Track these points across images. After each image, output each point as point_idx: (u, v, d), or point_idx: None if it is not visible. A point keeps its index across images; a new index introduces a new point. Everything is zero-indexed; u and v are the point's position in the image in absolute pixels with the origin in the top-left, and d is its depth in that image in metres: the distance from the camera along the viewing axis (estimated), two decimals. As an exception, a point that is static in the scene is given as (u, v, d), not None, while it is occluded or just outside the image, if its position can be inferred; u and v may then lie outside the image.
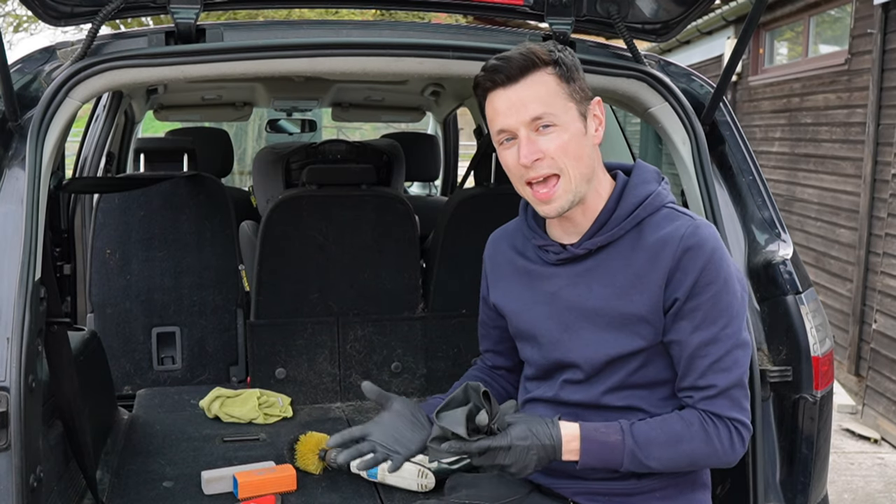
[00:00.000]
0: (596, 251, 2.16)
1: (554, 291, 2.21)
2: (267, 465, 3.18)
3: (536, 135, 2.06)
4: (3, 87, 2.32)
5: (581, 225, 2.18)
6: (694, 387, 2.10)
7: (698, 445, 2.09)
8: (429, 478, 3.04)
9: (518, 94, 2.07)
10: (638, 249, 2.12)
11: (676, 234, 2.09)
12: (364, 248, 4.03)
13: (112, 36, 2.66)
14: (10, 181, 2.35)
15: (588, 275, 2.17)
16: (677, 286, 2.07)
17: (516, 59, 2.07)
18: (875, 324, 6.73)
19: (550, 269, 2.23)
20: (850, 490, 5.55)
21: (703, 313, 2.07)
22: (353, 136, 11.31)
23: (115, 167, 5.31)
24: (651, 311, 2.10)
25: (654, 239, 2.11)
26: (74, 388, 2.72)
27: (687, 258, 2.06)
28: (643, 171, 2.22)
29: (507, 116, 2.08)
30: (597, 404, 2.18)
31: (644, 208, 2.14)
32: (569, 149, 2.06)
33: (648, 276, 2.10)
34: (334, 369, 4.02)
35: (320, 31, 2.82)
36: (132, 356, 4.15)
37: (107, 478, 3.14)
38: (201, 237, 4.21)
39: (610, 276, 2.14)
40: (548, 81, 2.07)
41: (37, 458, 2.28)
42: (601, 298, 2.14)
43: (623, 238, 2.14)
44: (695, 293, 2.06)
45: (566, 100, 2.08)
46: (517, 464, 2.03)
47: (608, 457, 2.08)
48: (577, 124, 2.09)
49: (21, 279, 2.22)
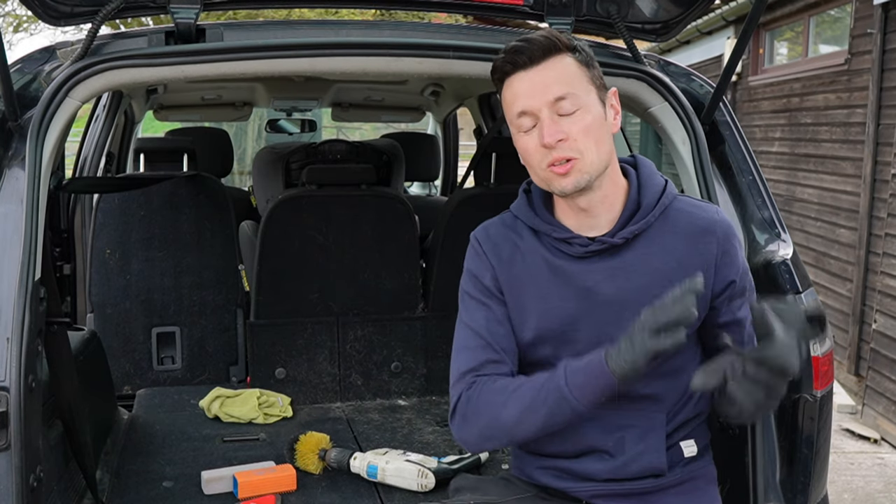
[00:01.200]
0: (630, 241, 2.11)
1: (589, 286, 2.11)
2: (267, 465, 3.18)
3: (559, 117, 2.02)
4: (3, 87, 2.32)
5: (600, 215, 2.12)
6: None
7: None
8: (429, 478, 3.04)
9: (540, 76, 2.04)
10: (672, 236, 2.11)
11: (711, 219, 2.14)
12: (364, 248, 4.03)
13: (112, 36, 2.66)
14: (9, 181, 2.35)
15: (624, 266, 2.11)
16: (728, 269, 2.12)
17: (539, 41, 2.04)
18: (875, 324, 6.73)
19: (579, 264, 2.12)
20: (850, 490, 5.55)
21: (749, 287, 2.18)
22: (353, 136, 11.31)
23: (115, 167, 5.32)
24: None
25: (688, 225, 2.12)
26: (74, 388, 2.72)
27: (728, 241, 2.13)
28: (647, 162, 2.23)
29: (530, 98, 2.04)
30: (622, 394, 2.05)
31: (667, 196, 2.15)
32: (591, 131, 2.03)
33: (691, 261, 2.09)
34: (334, 369, 4.02)
35: (320, 31, 2.82)
36: (132, 356, 4.16)
37: (107, 478, 3.15)
38: (201, 237, 4.21)
39: (648, 266, 2.10)
40: (569, 64, 2.05)
41: (37, 457, 2.29)
42: (643, 289, 2.07)
43: (652, 227, 2.12)
44: (745, 272, 2.16)
45: (588, 83, 2.06)
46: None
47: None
48: (598, 108, 2.07)
49: (21, 279, 2.22)
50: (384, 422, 3.79)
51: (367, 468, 3.10)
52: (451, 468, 3.09)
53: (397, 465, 3.09)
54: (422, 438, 3.58)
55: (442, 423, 3.74)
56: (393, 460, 3.11)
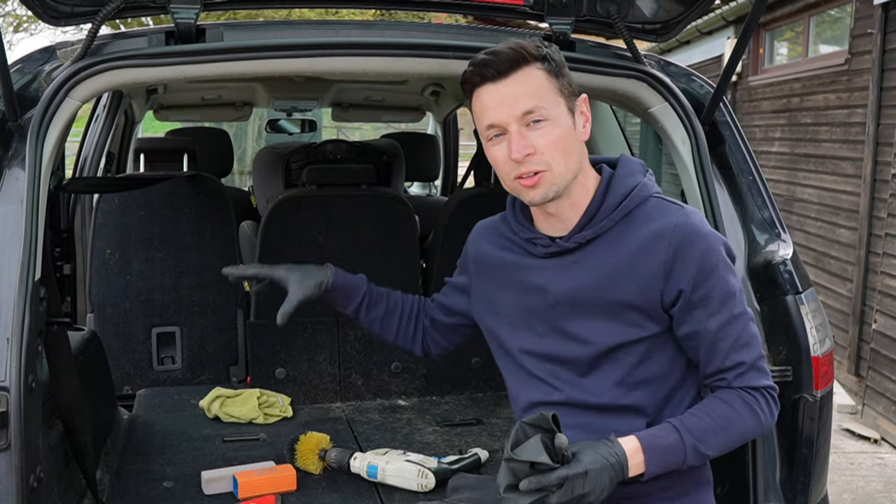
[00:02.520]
0: (585, 244, 2.17)
1: (542, 284, 2.21)
2: (267, 465, 3.19)
3: (527, 129, 2.06)
4: (3, 87, 2.32)
5: (569, 219, 2.18)
6: (723, 369, 2.12)
7: (748, 422, 2.12)
8: (429, 478, 3.04)
9: (508, 89, 2.06)
10: (628, 240, 2.13)
11: (669, 224, 2.11)
12: (364, 248, 4.04)
13: (112, 36, 2.66)
14: (9, 181, 2.36)
15: (576, 266, 2.17)
16: (680, 277, 2.08)
17: (506, 54, 2.06)
18: (875, 324, 6.74)
19: (538, 262, 2.23)
20: (850, 490, 5.56)
21: (716, 298, 2.10)
22: (353, 136, 11.32)
23: (115, 167, 5.32)
24: (644, 300, 2.11)
25: (646, 229, 2.12)
26: (74, 388, 2.72)
27: (685, 248, 2.08)
28: (628, 163, 2.23)
29: (498, 111, 2.07)
30: (603, 405, 2.17)
31: (631, 199, 2.16)
32: (559, 144, 2.07)
33: (641, 265, 2.11)
34: (334, 369, 4.02)
35: (320, 31, 2.82)
36: (132, 356, 4.15)
37: (107, 478, 3.15)
38: (201, 237, 4.21)
39: (598, 267, 2.15)
40: (538, 76, 2.07)
41: (37, 458, 2.29)
42: (590, 288, 2.15)
43: (612, 230, 2.15)
44: (701, 281, 2.08)
45: (556, 94, 2.08)
46: (595, 490, 1.95)
47: (671, 460, 2.06)
48: (567, 119, 2.09)
49: (21, 279, 2.22)
50: (384, 422, 3.79)
51: (367, 468, 3.11)
52: (451, 468, 3.10)
53: (397, 465, 3.09)
54: (422, 438, 3.59)
55: (442, 424, 3.75)
56: (393, 460, 3.12)
